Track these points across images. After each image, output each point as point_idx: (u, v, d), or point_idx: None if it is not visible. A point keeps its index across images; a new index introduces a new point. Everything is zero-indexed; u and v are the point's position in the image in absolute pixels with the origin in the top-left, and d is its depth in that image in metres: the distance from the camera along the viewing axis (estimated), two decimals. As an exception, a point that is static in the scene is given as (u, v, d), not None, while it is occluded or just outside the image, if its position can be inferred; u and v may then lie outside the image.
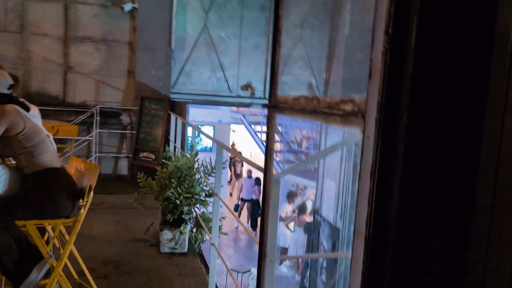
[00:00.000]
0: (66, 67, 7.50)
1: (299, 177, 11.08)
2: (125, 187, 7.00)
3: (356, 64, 8.09)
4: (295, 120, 13.16)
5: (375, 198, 1.06)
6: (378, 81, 1.07)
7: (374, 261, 1.07)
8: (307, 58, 8.84)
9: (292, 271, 10.04)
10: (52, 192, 2.61)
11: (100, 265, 3.93)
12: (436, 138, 1.02)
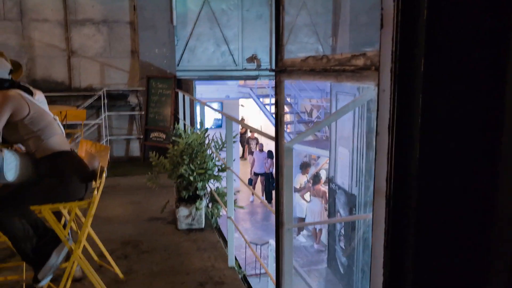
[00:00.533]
0: (69, 52, 7.44)
1: (311, 147, 11.02)
2: (138, 168, 7.02)
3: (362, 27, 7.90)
4: (304, 89, 13.01)
5: (394, 154, 1.00)
6: (390, 29, 1.00)
7: (397, 219, 1.03)
8: (312, 25, 8.65)
9: (310, 240, 10.10)
10: (64, 175, 2.59)
11: (119, 246, 3.96)
12: (457, 86, 0.96)
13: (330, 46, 8.73)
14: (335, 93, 8.11)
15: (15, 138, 2.58)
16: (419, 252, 1.01)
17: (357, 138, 6.97)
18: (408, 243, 1.02)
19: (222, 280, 3.29)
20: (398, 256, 1.04)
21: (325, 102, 12.64)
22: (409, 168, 1.00)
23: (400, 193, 1.02)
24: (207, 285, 3.22)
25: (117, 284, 3.25)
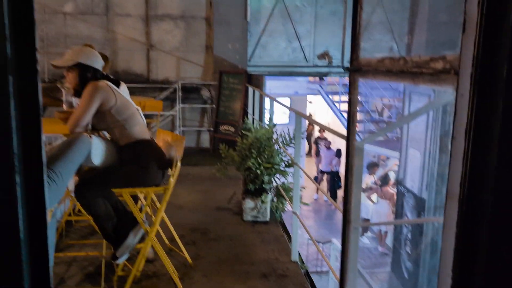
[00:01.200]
0: (149, 46, 7.84)
1: (381, 147, 10.78)
2: (208, 159, 7.27)
3: (441, 26, 7.58)
4: (376, 88, 12.72)
5: (470, 159, 1.00)
6: (473, 34, 1.00)
7: (469, 224, 1.03)
8: (387, 22, 8.43)
9: (374, 242, 9.91)
10: (144, 162, 2.78)
11: (188, 232, 4.15)
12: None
13: (405, 45, 8.48)
14: (409, 93, 7.88)
15: (102, 126, 2.80)
16: (491, 258, 1.00)
17: (430, 141, 6.73)
18: (479, 249, 1.02)
19: (285, 273, 3.36)
20: (468, 261, 1.05)
21: (398, 101, 12.27)
22: (485, 174, 1.00)
23: (474, 198, 1.02)
24: (270, 277, 3.31)
25: (185, 268, 3.42)
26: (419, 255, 6.80)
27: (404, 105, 8.28)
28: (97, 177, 2.73)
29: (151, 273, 3.33)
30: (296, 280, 3.27)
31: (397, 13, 8.83)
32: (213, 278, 3.28)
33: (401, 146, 8.29)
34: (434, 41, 7.33)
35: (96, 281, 3.17)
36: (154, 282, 3.20)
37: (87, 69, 2.79)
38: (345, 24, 8.66)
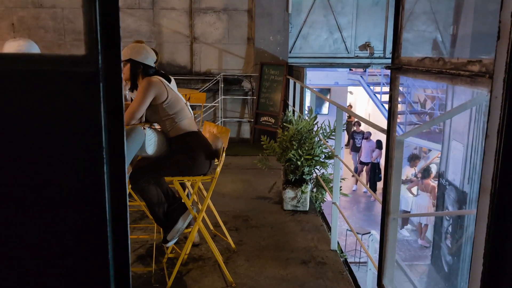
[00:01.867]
0: (192, 38, 8.06)
1: (422, 139, 10.62)
2: (249, 149, 7.45)
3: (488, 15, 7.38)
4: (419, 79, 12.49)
5: (501, 155, 1.10)
6: (506, 42, 1.08)
7: (500, 215, 1.12)
8: (431, 12, 8.28)
9: (414, 235, 9.84)
10: (192, 152, 2.97)
11: (231, 219, 4.34)
12: None
13: (450, 35, 8.30)
14: (452, 86, 7.73)
15: (155, 118, 3.00)
16: (520, 248, 1.09)
17: (473, 134, 6.62)
18: (509, 238, 1.12)
19: (324, 261, 3.49)
20: (498, 250, 1.14)
21: (441, 93, 12.02)
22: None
23: (504, 192, 1.11)
24: (310, 264, 3.44)
25: (229, 252, 3.61)
26: (460, 249, 6.74)
27: (447, 97, 8.14)
28: (150, 165, 2.94)
29: (197, 257, 3.54)
30: (335, 267, 3.40)
31: (442, 2, 8.65)
32: (255, 263, 3.46)
33: (443, 139, 8.17)
34: (481, 32, 7.15)
35: (147, 262, 3.41)
36: (200, 265, 3.41)
37: (137, 65, 2.99)
38: (387, 15, 8.57)
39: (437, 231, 7.83)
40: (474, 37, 7.02)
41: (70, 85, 0.99)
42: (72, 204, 1.04)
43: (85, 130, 1.01)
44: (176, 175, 2.93)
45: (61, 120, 1.00)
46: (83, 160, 1.02)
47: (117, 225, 1.09)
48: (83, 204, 1.05)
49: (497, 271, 1.14)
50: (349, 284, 3.19)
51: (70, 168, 1.02)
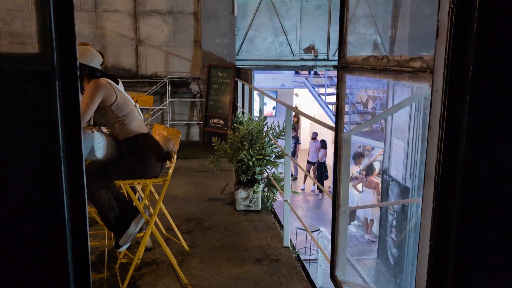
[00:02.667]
0: (137, 41, 7.92)
1: (365, 138, 11.03)
2: (198, 152, 7.42)
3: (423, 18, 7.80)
4: (360, 80, 12.94)
5: (443, 145, 1.19)
6: (444, 39, 1.17)
7: (443, 200, 1.21)
8: (371, 16, 8.63)
9: (361, 230, 10.18)
10: (143, 155, 2.93)
11: (183, 221, 4.32)
12: (501, 91, 1.12)
13: (389, 37, 8.69)
14: (392, 84, 8.10)
15: (103, 121, 2.94)
16: (462, 229, 1.19)
17: (413, 131, 6.97)
18: (452, 221, 1.21)
19: (278, 258, 3.55)
20: (443, 232, 1.23)
21: (382, 93, 12.52)
22: (455, 158, 1.18)
23: (447, 179, 1.21)
24: (264, 261, 3.49)
25: (183, 255, 3.59)
26: (404, 241, 7.07)
27: (388, 97, 8.51)
28: (100, 169, 2.87)
29: (151, 261, 3.49)
30: (288, 264, 3.47)
31: (380, 6, 9.04)
32: (210, 264, 3.46)
33: (386, 137, 8.54)
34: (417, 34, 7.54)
35: (99, 269, 3.32)
36: (154, 269, 3.36)
37: (82, 68, 2.92)
38: (330, 18, 8.84)
39: (383, 226, 8.16)
40: (411, 39, 7.40)
41: (25, 83, 0.97)
42: (28, 205, 1.02)
43: (41, 128, 0.99)
44: (127, 178, 2.88)
45: (16, 118, 0.98)
46: (39, 159, 1.00)
47: (76, 225, 1.08)
48: (40, 205, 1.03)
49: (442, 253, 1.22)
50: (302, 279, 3.27)
51: (27, 168, 1.00)
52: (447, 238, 1.22)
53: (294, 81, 13.11)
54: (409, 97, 1.59)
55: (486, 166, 1.15)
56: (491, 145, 1.14)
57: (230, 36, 8.07)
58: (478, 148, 1.14)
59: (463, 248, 1.19)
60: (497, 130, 1.13)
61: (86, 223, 1.08)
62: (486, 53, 1.10)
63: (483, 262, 1.18)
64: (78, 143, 1.06)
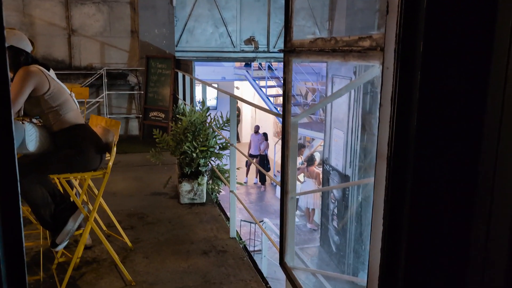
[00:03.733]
0: (70, 31, 7.51)
1: (306, 129, 11.22)
2: (138, 146, 7.18)
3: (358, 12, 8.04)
4: (300, 73, 13.14)
5: (395, 121, 1.18)
6: (395, 15, 1.17)
7: (396, 178, 1.22)
8: (309, 9, 8.76)
9: (303, 220, 10.37)
10: (80, 146, 2.75)
11: (125, 217, 4.15)
12: (451, 65, 1.14)
13: (327, 30, 8.87)
14: (331, 76, 8.28)
15: (36, 112, 2.73)
16: (415, 205, 1.20)
17: (352, 121, 7.17)
18: (405, 198, 1.21)
19: (225, 249, 3.50)
20: (396, 209, 1.24)
21: (320, 85, 12.79)
22: (407, 135, 1.19)
23: (399, 156, 1.21)
24: (210, 253, 3.43)
25: (126, 251, 3.44)
26: (345, 228, 7.28)
27: (327, 88, 8.69)
28: (33, 163, 2.66)
29: (91, 259, 3.32)
30: (235, 254, 3.43)
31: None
32: (155, 259, 3.34)
33: (325, 127, 8.72)
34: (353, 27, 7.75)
35: (34, 271, 3.10)
36: (95, 267, 3.20)
37: (20, 53, 2.69)
38: (270, 11, 8.87)
39: (324, 214, 8.35)
40: (347, 31, 7.59)
41: None
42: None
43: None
44: (63, 172, 2.70)
45: None
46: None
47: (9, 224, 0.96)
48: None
49: (396, 229, 1.23)
50: (250, 268, 3.24)
51: None
52: (400, 215, 1.22)
53: (235, 74, 13.08)
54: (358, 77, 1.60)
55: (437, 142, 1.16)
56: (441, 121, 1.15)
57: (169, 26, 7.86)
58: (429, 124, 1.15)
59: (416, 224, 1.20)
60: (447, 105, 1.15)
61: (20, 222, 0.96)
62: (436, 28, 1.10)
63: (435, 236, 1.20)
64: (9, 135, 0.94)
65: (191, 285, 2.99)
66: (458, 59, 1.12)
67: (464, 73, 1.14)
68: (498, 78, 1.10)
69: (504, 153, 1.11)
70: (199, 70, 11.07)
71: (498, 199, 1.13)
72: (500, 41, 1.10)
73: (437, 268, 1.25)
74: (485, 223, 1.19)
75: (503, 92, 1.13)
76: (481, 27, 1.11)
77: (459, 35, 1.11)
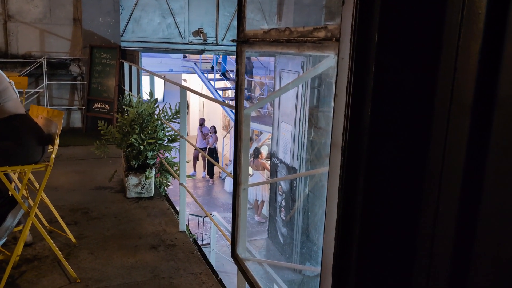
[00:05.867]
0: (6, 16, 7.06)
1: (254, 122, 11.26)
2: (81, 139, 6.90)
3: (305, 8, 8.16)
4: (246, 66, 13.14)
5: (350, 111, 1.20)
6: (351, 5, 1.18)
7: (350, 167, 1.24)
8: (258, 2, 8.77)
9: (251, 212, 10.43)
10: (20, 138, 2.60)
11: (68, 213, 3.98)
12: (405, 55, 1.17)
13: (275, 24, 8.93)
14: (279, 71, 8.35)
15: (-30, 100, 2.54)
16: (368, 193, 1.22)
17: (300, 115, 7.27)
18: (358, 186, 1.24)
19: (174, 243, 3.45)
20: (350, 198, 1.26)
21: (268, 79, 12.88)
22: (362, 124, 1.21)
23: (353, 145, 1.23)
24: (159, 248, 3.36)
25: (69, 248, 3.30)
26: (292, 220, 7.39)
27: (276, 82, 8.76)
28: (-34, 155, 2.48)
29: (31, 257, 3.15)
30: (185, 248, 3.38)
31: (266, -8, 9.22)
32: (100, 255, 3.23)
33: (274, 121, 8.80)
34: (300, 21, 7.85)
35: (-33, 270, 2.90)
36: (36, 265, 3.05)
37: None
38: (218, 2, 8.79)
39: (272, 206, 8.44)
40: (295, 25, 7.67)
41: None
42: None
43: None
44: (1, 164, 2.53)
45: None
46: None
47: None
48: None
49: (349, 217, 1.25)
50: (200, 261, 3.22)
51: None
52: (354, 203, 1.24)
53: (183, 66, 12.89)
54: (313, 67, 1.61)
55: (390, 130, 1.19)
56: (394, 110, 1.18)
57: (114, 15, 7.59)
58: (383, 113, 1.18)
59: (369, 211, 1.23)
60: (399, 95, 1.18)
61: None
62: (391, 19, 1.13)
63: (387, 224, 1.23)
64: None
65: (140, 280, 2.92)
66: (411, 49, 1.16)
67: (416, 64, 1.17)
68: (448, 68, 1.14)
69: (452, 142, 1.16)
70: (145, 61, 10.80)
71: (446, 186, 1.18)
72: (449, 31, 1.14)
73: (388, 255, 1.29)
74: (433, 210, 1.24)
75: (452, 82, 1.17)
76: (433, 19, 1.15)
77: (413, 26, 1.14)
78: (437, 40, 1.17)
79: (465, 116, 1.13)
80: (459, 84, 1.14)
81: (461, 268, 1.16)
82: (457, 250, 1.14)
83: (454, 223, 1.15)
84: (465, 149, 1.13)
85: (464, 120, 1.14)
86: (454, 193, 1.16)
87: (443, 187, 1.21)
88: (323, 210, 1.39)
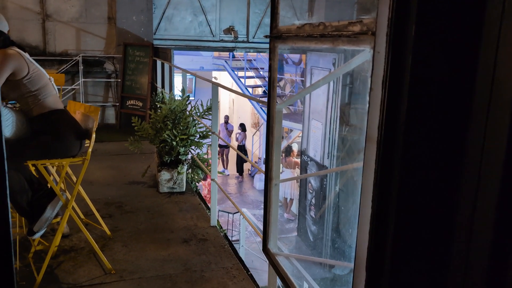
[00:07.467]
0: (44, 15, 7.29)
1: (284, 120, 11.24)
2: (115, 135, 7.07)
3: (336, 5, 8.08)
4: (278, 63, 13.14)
5: (386, 105, 1.19)
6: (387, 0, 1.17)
7: (385, 161, 1.23)
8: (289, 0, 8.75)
9: (280, 210, 10.43)
10: (59, 132, 2.69)
11: (103, 206, 4.09)
12: (442, 49, 1.15)
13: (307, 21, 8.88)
14: (310, 68, 8.31)
15: (14, 96, 2.64)
16: (403, 188, 1.21)
17: (331, 112, 7.22)
18: (393, 181, 1.23)
19: (205, 237, 3.49)
20: (385, 192, 1.25)
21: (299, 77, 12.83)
22: (397, 119, 1.20)
23: (389, 140, 1.22)
24: (191, 242, 3.42)
25: (104, 240, 3.40)
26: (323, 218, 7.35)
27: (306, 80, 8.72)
28: (9, 149, 2.58)
29: (68, 248, 3.26)
30: (216, 242, 3.42)
31: (298, -10, 9.19)
32: (134, 247, 3.31)
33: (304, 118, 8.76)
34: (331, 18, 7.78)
35: (9, 259, 3.02)
36: (73, 256, 3.15)
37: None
38: (249, 1, 8.81)
39: (302, 204, 8.42)
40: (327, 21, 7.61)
41: None
42: None
43: None
44: (41, 158, 2.63)
45: None
46: None
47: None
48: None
49: (384, 211, 1.24)
50: (231, 256, 3.25)
51: None
52: (388, 197, 1.24)
53: (214, 64, 12.99)
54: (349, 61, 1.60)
55: (427, 125, 1.18)
56: (431, 104, 1.17)
57: (147, 13, 7.72)
58: (419, 108, 1.17)
59: (403, 206, 1.22)
60: (437, 89, 1.16)
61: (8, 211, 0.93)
62: (429, 11, 1.11)
63: (422, 219, 1.22)
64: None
65: (172, 273, 2.97)
66: (449, 43, 1.14)
67: (454, 58, 1.16)
68: (488, 62, 1.12)
69: (491, 137, 1.14)
70: (177, 59, 10.94)
71: (485, 182, 1.16)
72: (489, 25, 1.12)
73: (423, 250, 1.27)
74: (470, 205, 1.22)
75: (492, 76, 1.15)
76: (472, 12, 1.13)
77: (451, 19, 1.13)
78: (477, 34, 1.14)
79: (506, 111, 1.11)
80: (499, 79, 1.11)
81: (499, 266, 1.14)
82: (496, 246, 1.12)
83: (493, 218, 1.13)
84: (505, 145, 1.11)
85: (504, 115, 1.11)
86: (493, 189, 1.14)
87: (481, 183, 1.18)
88: (355, 207, 1.39)
